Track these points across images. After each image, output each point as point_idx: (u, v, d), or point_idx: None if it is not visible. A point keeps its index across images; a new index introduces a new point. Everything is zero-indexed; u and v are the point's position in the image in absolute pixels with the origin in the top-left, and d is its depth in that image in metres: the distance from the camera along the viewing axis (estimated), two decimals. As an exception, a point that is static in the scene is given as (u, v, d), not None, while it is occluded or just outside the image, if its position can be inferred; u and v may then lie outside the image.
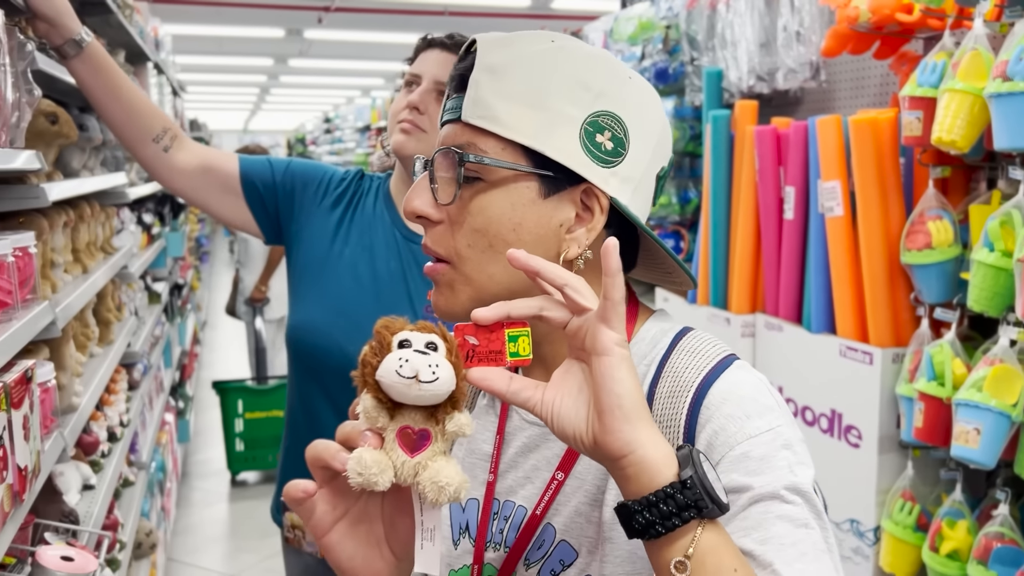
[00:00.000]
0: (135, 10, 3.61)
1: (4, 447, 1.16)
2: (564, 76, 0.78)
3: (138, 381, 2.98)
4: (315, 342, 1.54)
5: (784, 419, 0.78)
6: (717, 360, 0.81)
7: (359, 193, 1.64)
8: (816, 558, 0.70)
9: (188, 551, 3.98)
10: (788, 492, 0.72)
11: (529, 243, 0.79)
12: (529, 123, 0.77)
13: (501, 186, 0.78)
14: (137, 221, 3.44)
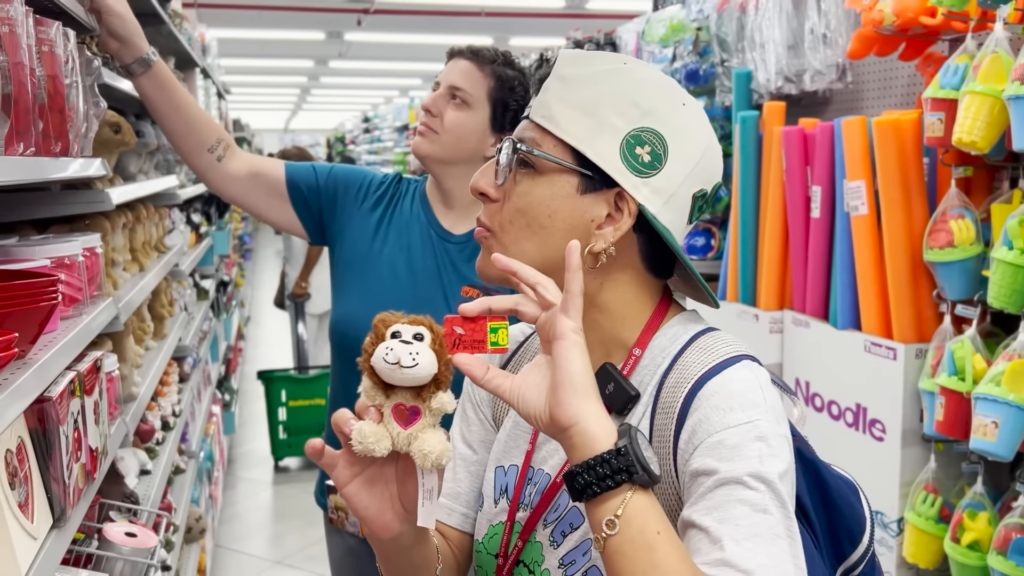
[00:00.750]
0: (184, 19, 3.76)
1: (79, 429, 1.28)
2: (618, 92, 0.90)
3: (188, 374, 3.12)
4: (356, 335, 1.64)
5: (767, 415, 0.83)
6: (724, 358, 0.89)
7: (397, 195, 1.74)
8: (770, 541, 0.76)
9: (234, 538, 4.13)
10: (752, 479, 0.79)
11: (561, 230, 0.90)
12: (579, 127, 0.89)
13: (546, 176, 0.90)
14: (186, 221, 3.59)
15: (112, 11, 1.56)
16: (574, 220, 0.90)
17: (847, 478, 1.01)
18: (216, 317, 4.75)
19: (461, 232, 1.68)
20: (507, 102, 1.65)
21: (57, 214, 1.65)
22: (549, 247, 0.90)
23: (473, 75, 1.64)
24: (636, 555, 0.72)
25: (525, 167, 0.91)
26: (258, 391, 6.40)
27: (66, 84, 1.33)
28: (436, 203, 1.72)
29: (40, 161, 1.17)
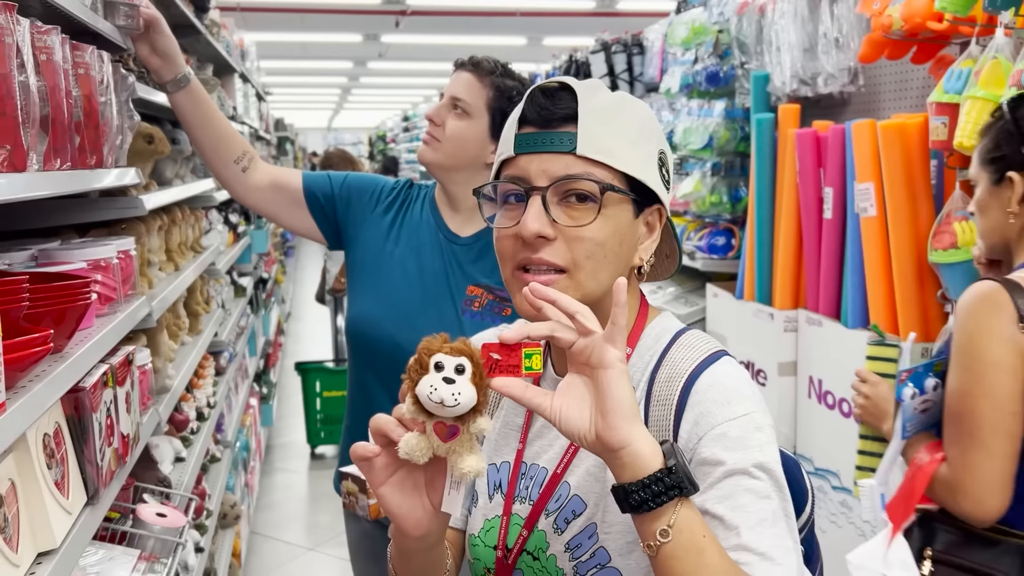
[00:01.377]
0: (222, 26, 3.91)
1: (111, 417, 1.41)
2: (645, 121, 0.99)
3: (224, 367, 3.27)
4: (370, 332, 1.75)
5: (758, 407, 0.95)
6: (708, 354, 0.98)
7: (408, 200, 1.84)
8: (773, 523, 0.89)
9: (270, 525, 4.29)
10: (756, 469, 0.90)
11: (626, 254, 0.98)
12: (631, 157, 0.96)
13: (612, 207, 0.95)
14: (224, 221, 3.75)
15: (160, 30, 1.69)
16: (632, 241, 0.98)
17: (790, 455, 1.10)
18: (254, 313, 4.92)
19: (467, 234, 1.78)
20: (505, 111, 1.74)
21: (95, 219, 1.79)
22: (616, 272, 0.97)
23: (473, 86, 1.73)
24: (688, 558, 0.82)
25: (587, 201, 0.94)
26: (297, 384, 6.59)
27: (100, 102, 1.46)
28: (443, 207, 1.82)
29: (76, 174, 1.29)
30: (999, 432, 1.44)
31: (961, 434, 1.48)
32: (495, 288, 1.73)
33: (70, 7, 1.34)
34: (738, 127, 3.42)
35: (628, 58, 4.73)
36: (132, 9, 1.58)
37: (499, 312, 1.72)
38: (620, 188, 0.95)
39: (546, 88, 0.97)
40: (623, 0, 9.38)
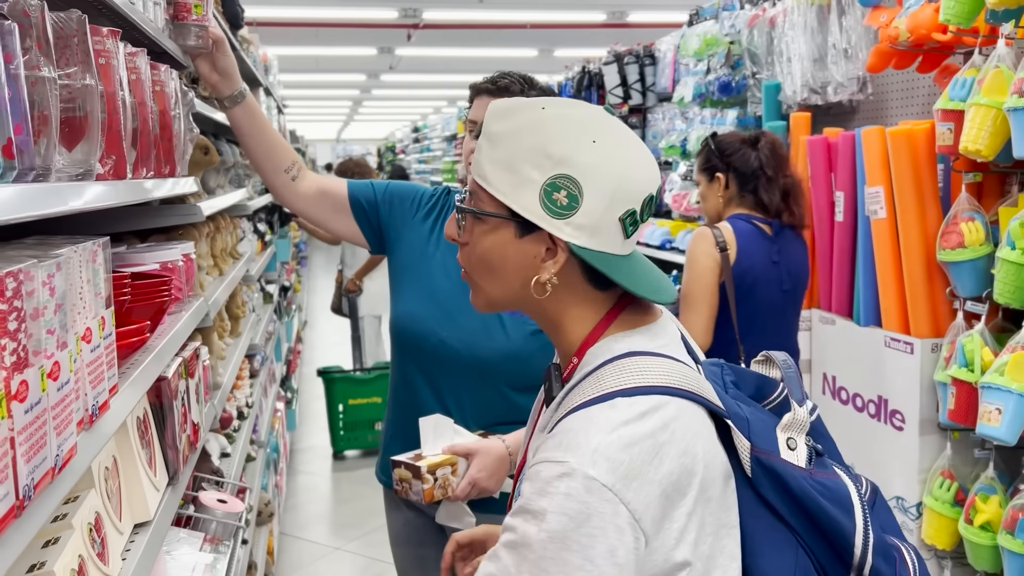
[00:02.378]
0: (250, 43, 4.06)
1: (185, 406, 1.53)
2: (532, 145, 0.98)
3: (257, 370, 3.40)
4: (415, 329, 1.86)
5: (592, 461, 0.87)
6: (607, 391, 0.94)
7: (447, 206, 1.96)
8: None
9: (296, 526, 4.41)
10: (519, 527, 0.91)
11: (512, 269, 1.02)
12: (505, 183, 0.99)
13: (490, 226, 1.01)
14: (253, 230, 3.88)
15: (224, 49, 1.82)
16: (520, 260, 1.01)
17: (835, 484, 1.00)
18: (279, 319, 5.05)
19: None
20: None
21: (158, 225, 1.91)
22: (508, 284, 1.03)
23: None
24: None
25: (476, 218, 1.02)
26: (315, 391, 6.70)
27: (172, 116, 1.59)
28: None
29: (159, 182, 1.42)
30: (702, 302, 2.41)
31: (686, 306, 2.44)
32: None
33: (150, 29, 1.47)
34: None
35: (640, 69, 4.87)
36: (202, 30, 1.71)
37: None
38: (486, 212, 1.01)
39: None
40: (634, 12, 9.53)
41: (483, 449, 1.71)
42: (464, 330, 1.81)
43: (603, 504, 0.86)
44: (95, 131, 1.06)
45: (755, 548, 0.97)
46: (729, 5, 3.71)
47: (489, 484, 1.68)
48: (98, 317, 1.01)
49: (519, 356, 1.79)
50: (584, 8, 9.48)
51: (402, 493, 1.71)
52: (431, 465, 1.63)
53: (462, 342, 1.80)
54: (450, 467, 1.65)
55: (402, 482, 1.68)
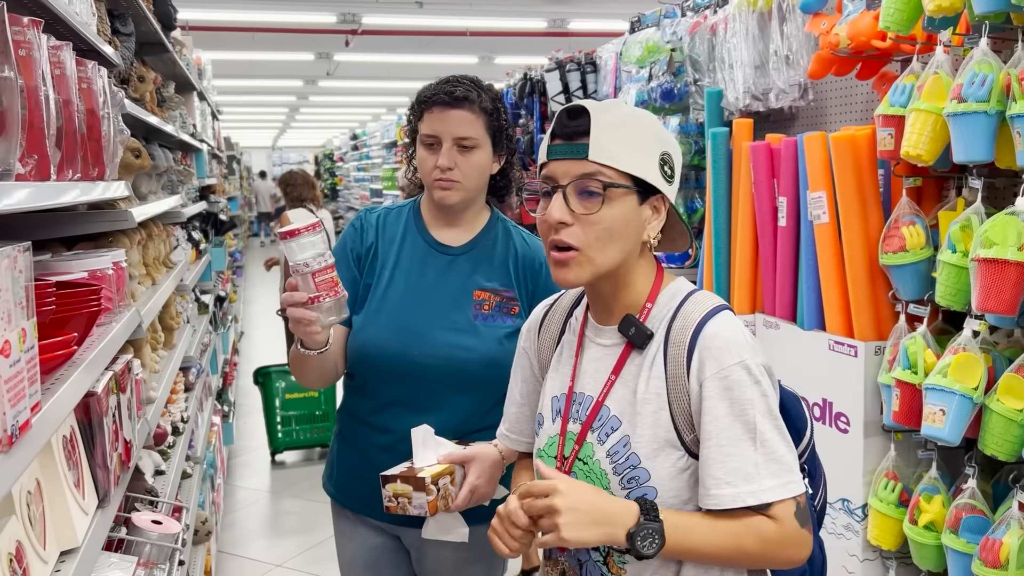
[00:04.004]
0: (183, 45, 3.93)
1: (116, 423, 1.44)
2: (648, 131, 1.26)
3: (193, 383, 3.28)
4: (384, 354, 1.78)
5: (751, 351, 1.21)
6: (711, 307, 1.27)
7: (379, 228, 1.86)
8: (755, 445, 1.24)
9: (234, 543, 4.27)
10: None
11: (632, 234, 1.25)
12: (635, 161, 1.23)
13: (617, 199, 1.23)
14: (187, 238, 3.75)
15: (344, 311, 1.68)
16: (636, 224, 1.25)
17: (792, 392, 1.38)
18: (215, 330, 4.90)
19: (460, 244, 1.84)
20: (500, 126, 1.81)
21: (85, 232, 1.81)
22: (624, 248, 1.25)
23: (471, 120, 1.76)
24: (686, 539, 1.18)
25: (595, 195, 1.22)
26: (253, 404, 6.54)
27: (101, 116, 1.50)
28: (434, 223, 1.86)
29: (84, 185, 1.34)
30: None
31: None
32: (500, 290, 1.81)
33: (76, 23, 1.38)
34: (692, 141, 3.56)
35: (582, 76, 4.87)
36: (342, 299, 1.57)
37: (508, 312, 1.80)
38: (622, 184, 1.23)
39: (569, 110, 1.25)
40: (574, 20, 9.58)
41: (479, 455, 1.65)
42: (439, 346, 1.76)
43: (768, 379, 1.21)
44: (15, 128, 0.98)
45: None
46: (671, 12, 3.73)
47: (487, 490, 1.63)
48: (18, 329, 0.93)
49: (497, 360, 1.75)
50: (525, 16, 9.50)
51: (396, 509, 1.62)
52: (434, 475, 1.56)
53: (438, 358, 1.75)
54: (449, 476, 1.59)
55: (398, 497, 1.59)
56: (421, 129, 1.79)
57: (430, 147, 1.78)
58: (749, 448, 1.18)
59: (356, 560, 1.93)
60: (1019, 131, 1.90)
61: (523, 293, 1.83)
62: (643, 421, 1.24)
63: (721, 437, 1.18)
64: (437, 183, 1.77)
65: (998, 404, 2.02)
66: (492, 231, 1.87)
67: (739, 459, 1.17)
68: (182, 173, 3.35)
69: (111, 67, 1.80)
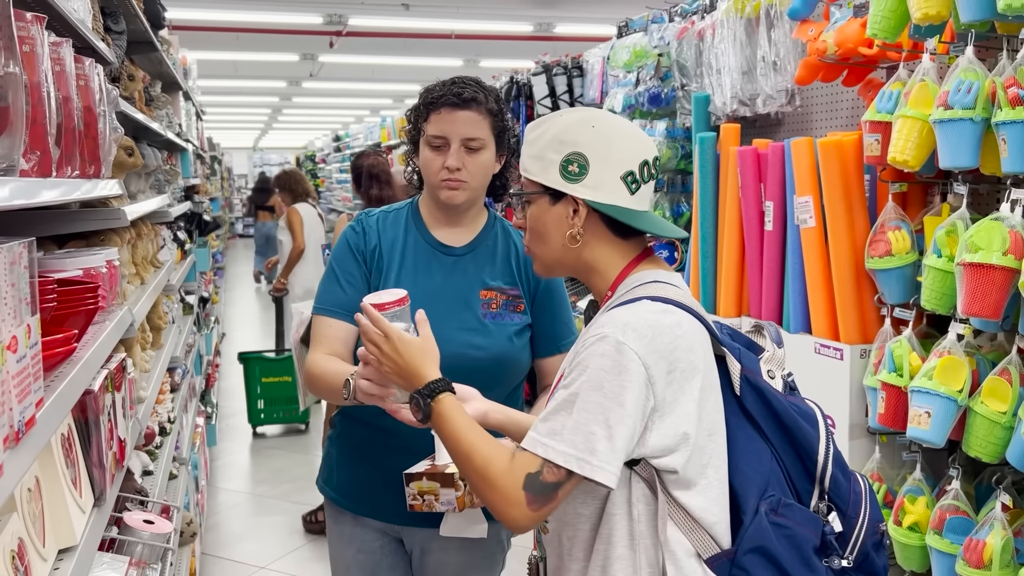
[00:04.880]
0: (170, 44, 3.91)
1: (111, 421, 1.44)
2: (549, 138, 1.35)
3: (178, 384, 3.26)
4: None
5: (624, 330, 1.20)
6: (636, 296, 1.27)
7: (380, 231, 1.86)
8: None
9: (217, 545, 4.25)
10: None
11: (552, 231, 1.36)
12: (538, 168, 1.36)
13: (534, 203, 1.37)
14: (173, 238, 3.73)
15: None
16: (557, 222, 1.35)
17: (807, 407, 1.32)
18: (199, 331, 4.87)
19: (462, 244, 1.85)
20: (504, 126, 1.82)
21: (78, 230, 1.80)
22: (553, 244, 1.37)
23: (477, 122, 1.77)
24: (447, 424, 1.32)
25: (526, 203, 1.39)
26: (235, 405, 6.51)
27: (97, 113, 1.49)
28: (436, 223, 1.86)
29: (83, 182, 1.33)
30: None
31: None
32: (506, 288, 1.82)
33: (74, 20, 1.38)
34: (679, 146, 3.59)
35: (568, 80, 4.89)
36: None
37: (515, 309, 1.82)
38: (531, 191, 1.37)
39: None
40: (560, 25, 9.61)
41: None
42: (450, 344, 1.76)
43: (630, 363, 1.18)
44: (19, 124, 0.98)
45: (737, 455, 1.24)
46: (658, 18, 3.76)
47: None
48: (24, 325, 0.93)
49: (507, 357, 1.77)
50: (511, 19, 9.52)
51: (422, 507, 1.62)
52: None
53: (451, 357, 1.75)
54: None
55: (423, 495, 1.60)
56: (427, 130, 1.78)
57: (437, 148, 1.77)
58: (566, 408, 1.20)
59: (354, 564, 1.91)
60: (1004, 138, 1.94)
61: (526, 291, 1.85)
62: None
63: (558, 392, 1.24)
64: (445, 183, 1.77)
65: (982, 406, 2.05)
66: (492, 230, 1.88)
67: (556, 417, 1.21)
68: (168, 173, 3.33)
69: (106, 64, 1.79)
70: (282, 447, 5.79)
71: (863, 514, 1.29)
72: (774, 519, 1.21)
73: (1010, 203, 1.99)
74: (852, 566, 1.26)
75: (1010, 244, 1.93)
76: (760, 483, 1.23)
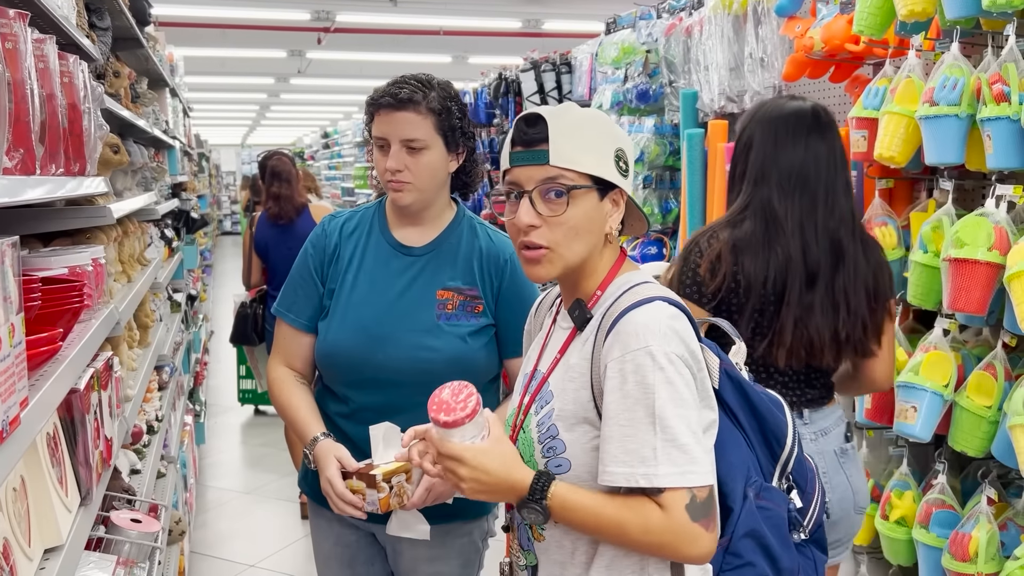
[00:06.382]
0: (156, 41, 3.89)
1: (98, 420, 1.43)
2: (602, 131, 1.31)
3: (166, 382, 3.24)
4: (348, 358, 1.79)
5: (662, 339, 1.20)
6: (643, 297, 1.26)
7: (342, 232, 1.86)
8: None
9: (208, 544, 4.23)
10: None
11: (597, 230, 1.30)
12: (592, 161, 1.29)
13: (579, 199, 1.28)
14: (160, 236, 3.71)
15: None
16: (598, 218, 1.30)
17: (772, 395, 1.38)
18: (187, 329, 4.85)
19: (422, 244, 1.84)
20: (452, 124, 1.78)
21: (63, 228, 1.79)
22: (590, 242, 1.30)
23: (417, 122, 1.74)
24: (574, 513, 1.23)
25: (560, 196, 1.27)
26: (224, 402, 6.49)
27: (82, 111, 1.49)
28: (398, 224, 1.86)
29: (67, 180, 1.32)
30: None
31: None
32: (464, 289, 1.80)
33: (58, 16, 1.37)
34: (667, 142, 3.59)
35: (557, 76, 4.89)
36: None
37: (471, 310, 1.80)
38: (582, 184, 1.28)
39: (526, 118, 1.30)
40: (549, 21, 9.61)
41: None
42: (402, 347, 1.76)
43: (680, 367, 1.20)
44: (2, 121, 0.97)
45: (722, 444, 1.28)
46: (646, 14, 3.76)
47: (445, 489, 1.64)
48: (8, 323, 0.93)
49: (462, 358, 1.76)
50: (499, 15, 9.50)
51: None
52: (386, 473, 1.57)
53: (403, 359, 1.75)
54: (404, 474, 1.59)
55: (355, 494, 1.61)
56: (372, 131, 1.79)
57: (381, 148, 1.77)
58: (648, 432, 1.17)
59: (332, 557, 1.93)
60: (989, 134, 1.95)
61: (488, 291, 1.83)
62: (567, 396, 1.29)
63: (620, 418, 1.19)
64: (389, 184, 1.77)
65: (967, 401, 2.07)
66: (457, 229, 1.86)
67: (636, 441, 1.18)
68: (155, 170, 3.32)
69: (91, 61, 1.78)
70: (271, 445, 5.77)
71: (817, 489, 1.39)
72: (759, 503, 1.28)
73: (995, 199, 2.00)
74: (807, 537, 1.36)
75: (995, 240, 1.94)
76: (743, 470, 1.29)
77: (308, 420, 1.78)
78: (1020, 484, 2.13)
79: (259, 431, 6.09)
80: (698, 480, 1.18)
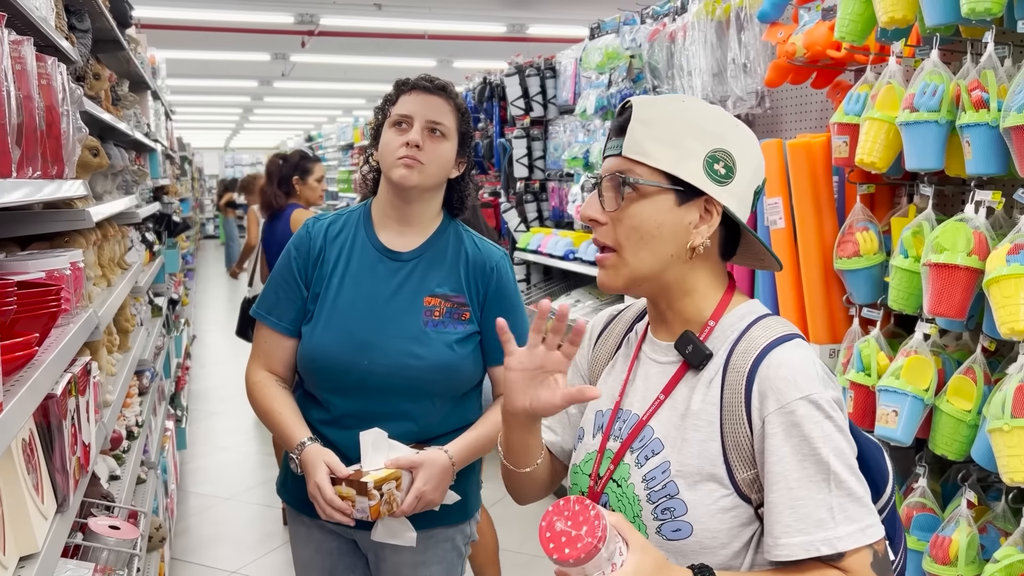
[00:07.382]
0: (137, 43, 3.86)
1: (75, 425, 1.42)
2: (691, 124, 1.13)
3: (147, 387, 3.21)
4: (334, 364, 1.77)
5: (820, 384, 1.08)
6: (781, 334, 1.12)
7: (327, 236, 1.85)
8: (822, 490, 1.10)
9: (190, 551, 4.19)
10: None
11: (667, 237, 1.12)
12: (669, 156, 1.12)
13: (648, 198, 1.12)
14: (141, 239, 3.68)
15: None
16: (676, 227, 1.12)
17: (875, 440, 1.26)
18: (168, 334, 4.81)
19: (409, 250, 1.82)
20: (467, 131, 1.82)
21: (41, 231, 1.77)
22: (660, 252, 1.13)
23: (445, 110, 1.77)
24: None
25: (633, 190, 1.13)
26: (206, 407, 6.45)
27: (60, 113, 1.47)
28: (384, 228, 1.84)
29: (45, 183, 1.31)
30: None
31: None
32: (451, 295, 1.79)
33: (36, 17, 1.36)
34: (651, 147, 3.60)
35: (541, 81, 4.90)
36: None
37: (458, 317, 1.79)
38: (649, 181, 1.12)
39: (623, 105, 1.18)
40: (533, 26, 9.62)
41: (427, 461, 1.65)
42: (388, 353, 1.74)
43: (842, 415, 1.09)
44: (-23, 123, 0.96)
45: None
46: (630, 20, 3.78)
47: (434, 496, 1.62)
48: (-19, 329, 0.91)
49: (448, 366, 1.74)
50: (484, 20, 9.51)
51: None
52: (377, 480, 1.56)
53: (388, 366, 1.73)
54: (395, 481, 1.58)
55: (343, 500, 1.60)
56: (394, 111, 1.78)
57: (399, 126, 1.76)
58: (823, 490, 1.05)
59: (312, 564, 1.91)
60: (968, 140, 1.96)
61: (474, 298, 1.82)
62: (688, 448, 1.12)
63: (790, 479, 1.05)
64: (401, 160, 1.73)
65: (948, 405, 2.08)
66: (444, 235, 1.85)
67: (812, 503, 1.05)
68: (136, 173, 3.29)
69: (69, 63, 1.76)
70: (254, 451, 5.74)
71: (903, 543, 1.30)
72: None
73: (974, 204, 2.02)
74: None
75: (974, 245, 1.96)
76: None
77: (293, 425, 1.76)
78: (1000, 487, 2.14)
79: (242, 436, 6.05)
80: (878, 533, 1.07)
